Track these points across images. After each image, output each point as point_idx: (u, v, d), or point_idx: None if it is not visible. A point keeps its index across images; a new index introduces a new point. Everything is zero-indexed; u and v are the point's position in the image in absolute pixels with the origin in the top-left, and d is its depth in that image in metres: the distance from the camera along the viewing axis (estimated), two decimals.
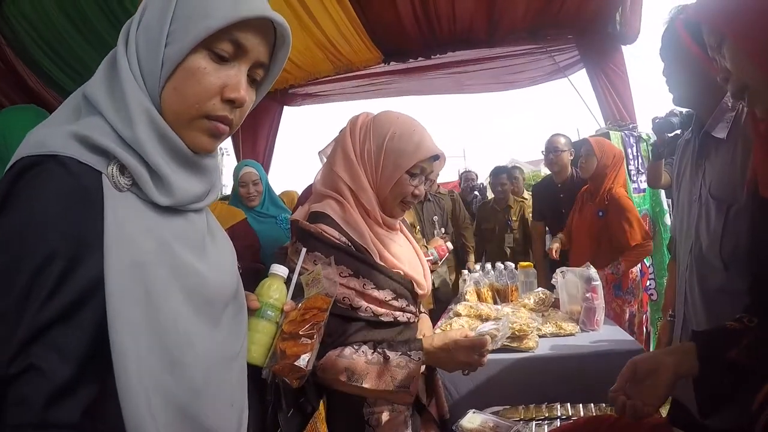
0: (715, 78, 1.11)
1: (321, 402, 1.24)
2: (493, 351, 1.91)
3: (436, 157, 1.43)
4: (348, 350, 1.29)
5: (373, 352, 1.29)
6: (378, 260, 1.36)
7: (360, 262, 1.33)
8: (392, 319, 1.37)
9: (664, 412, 1.63)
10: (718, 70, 1.04)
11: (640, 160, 3.96)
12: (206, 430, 0.78)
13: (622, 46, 4.43)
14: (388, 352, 1.29)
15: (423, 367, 1.37)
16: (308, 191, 2.38)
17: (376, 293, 1.33)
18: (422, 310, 1.62)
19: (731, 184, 1.26)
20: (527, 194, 4.96)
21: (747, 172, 1.21)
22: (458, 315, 2.47)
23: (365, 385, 1.26)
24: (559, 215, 3.87)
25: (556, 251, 3.50)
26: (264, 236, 3.03)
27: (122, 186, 0.74)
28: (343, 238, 1.33)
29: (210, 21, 0.76)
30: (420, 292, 1.45)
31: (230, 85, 0.80)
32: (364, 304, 1.32)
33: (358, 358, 1.28)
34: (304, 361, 0.94)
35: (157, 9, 0.78)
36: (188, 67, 0.77)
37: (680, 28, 1.14)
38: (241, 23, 0.78)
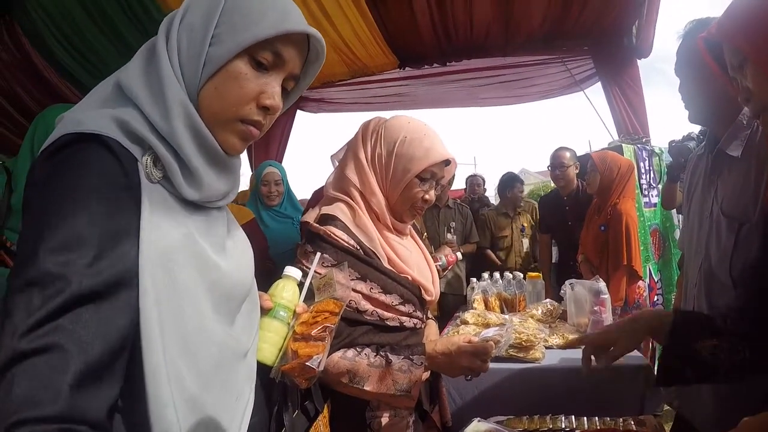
0: (730, 95, 1.10)
1: (326, 405, 1.24)
2: (500, 360, 1.91)
3: (448, 162, 1.44)
4: (351, 352, 1.29)
5: (375, 355, 1.29)
6: (386, 264, 1.37)
7: (368, 265, 1.33)
8: (398, 324, 1.37)
9: (668, 428, 1.62)
10: (739, 89, 1.04)
11: (652, 175, 3.93)
12: (210, 419, 0.78)
13: (638, 60, 4.40)
14: (390, 356, 1.29)
15: (427, 373, 1.37)
16: (319, 193, 2.39)
17: (382, 297, 1.33)
18: (429, 315, 1.62)
19: (744, 202, 1.25)
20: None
21: (760, 190, 1.20)
22: (465, 323, 2.47)
23: (366, 388, 1.26)
24: (565, 227, 3.88)
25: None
26: (280, 235, 3.13)
27: (154, 177, 0.75)
28: (352, 241, 1.33)
29: (258, 30, 0.79)
30: (428, 298, 1.45)
31: (267, 93, 0.83)
32: (370, 307, 1.32)
33: (360, 360, 1.28)
34: (315, 362, 0.95)
35: (202, 9, 0.80)
36: (231, 70, 0.80)
37: (700, 45, 1.14)
38: (284, 36, 0.82)
